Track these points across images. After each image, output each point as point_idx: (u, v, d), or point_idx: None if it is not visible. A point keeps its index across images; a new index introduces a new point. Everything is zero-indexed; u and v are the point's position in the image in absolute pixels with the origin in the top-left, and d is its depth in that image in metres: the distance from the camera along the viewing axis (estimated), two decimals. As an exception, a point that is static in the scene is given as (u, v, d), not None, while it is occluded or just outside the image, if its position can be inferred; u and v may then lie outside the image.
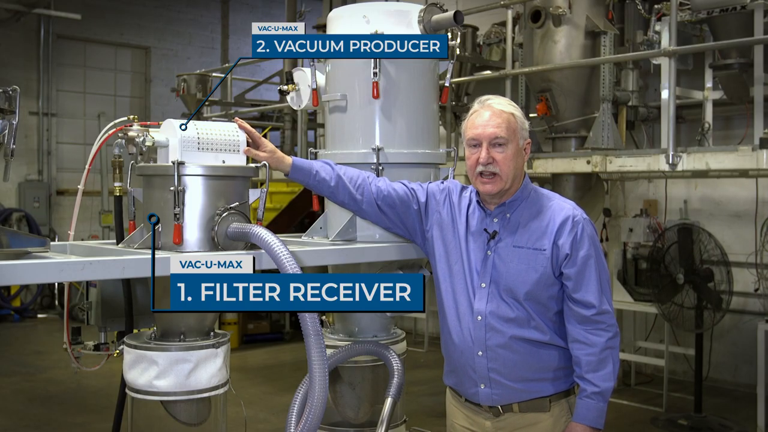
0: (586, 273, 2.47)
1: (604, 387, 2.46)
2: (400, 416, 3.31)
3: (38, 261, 2.30)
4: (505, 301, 2.51)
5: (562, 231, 2.49)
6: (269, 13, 15.18)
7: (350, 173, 2.75)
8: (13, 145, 2.50)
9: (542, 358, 2.53)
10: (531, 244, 2.51)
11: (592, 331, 2.47)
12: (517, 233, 2.54)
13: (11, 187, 12.13)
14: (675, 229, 6.18)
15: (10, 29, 12.19)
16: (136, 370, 2.65)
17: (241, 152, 2.76)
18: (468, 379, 2.59)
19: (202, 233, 2.62)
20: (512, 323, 2.51)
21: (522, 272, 2.50)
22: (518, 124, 2.54)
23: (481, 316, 2.53)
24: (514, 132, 2.52)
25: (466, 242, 2.61)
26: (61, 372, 7.73)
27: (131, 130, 2.82)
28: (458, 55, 4.45)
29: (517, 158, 2.53)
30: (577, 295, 2.48)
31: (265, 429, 6.06)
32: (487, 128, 2.50)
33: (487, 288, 2.54)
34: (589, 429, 2.47)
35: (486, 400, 2.56)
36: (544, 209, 2.56)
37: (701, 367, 6.20)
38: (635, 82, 6.81)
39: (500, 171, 2.50)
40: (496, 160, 2.49)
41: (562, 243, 2.48)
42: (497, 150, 2.50)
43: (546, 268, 2.48)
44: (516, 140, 2.52)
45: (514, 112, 2.55)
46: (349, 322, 3.25)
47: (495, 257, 2.54)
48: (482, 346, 2.53)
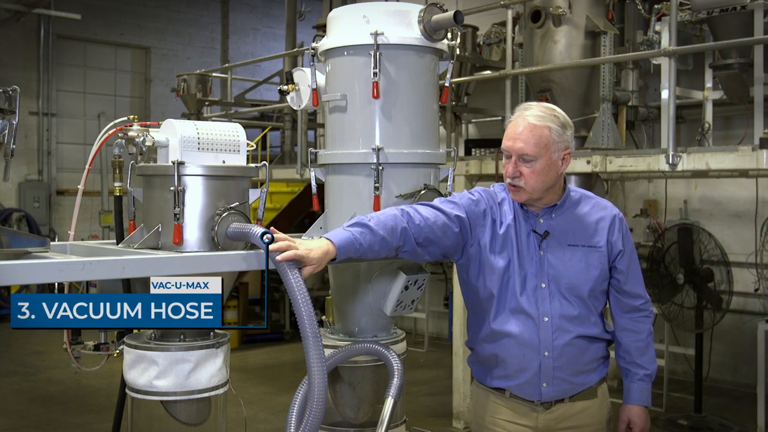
0: (632, 266, 2.65)
1: (652, 369, 2.67)
2: (400, 416, 3.31)
3: (38, 261, 2.31)
4: (568, 300, 2.56)
5: (613, 228, 2.61)
6: (269, 13, 15.17)
7: (389, 224, 2.44)
8: (13, 145, 2.51)
9: (594, 350, 2.63)
10: (585, 241, 2.58)
11: (638, 319, 2.67)
12: (568, 232, 2.59)
13: (11, 187, 12.13)
14: (675, 229, 6.18)
15: (10, 29, 12.19)
16: (136, 370, 2.65)
17: (241, 152, 2.76)
18: (529, 380, 2.59)
19: (202, 233, 2.63)
20: (576, 321, 2.57)
21: (583, 270, 2.56)
22: (552, 137, 2.49)
23: (548, 317, 2.55)
24: (546, 147, 2.49)
25: (515, 245, 2.59)
26: (61, 372, 7.73)
27: (131, 130, 2.83)
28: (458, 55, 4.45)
29: (548, 172, 2.51)
30: (628, 287, 2.64)
31: (265, 429, 6.06)
32: (517, 142, 2.50)
33: (548, 288, 2.56)
34: (645, 409, 2.68)
35: (547, 397, 2.59)
36: (589, 208, 2.63)
37: (701, 367, 6.20)
38: (635, 82, 6.81)
39: (525, 185, 2.52)
40: (523, 175, 2.51)
41: (615, 239, 2.60)
42: (525, 165, 2.50)
43: (604, 264, 2.59)
44: (548, 154, 2.50)
45: (550, 125, 2.50)
46: (348, 322, 3.24)
47: (549, 257, 2.57)
48: (549, 346, 2.55)
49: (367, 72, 2.97)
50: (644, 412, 2.68)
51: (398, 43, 2.99)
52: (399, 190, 3.02)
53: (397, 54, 3.01)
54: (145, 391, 2.64)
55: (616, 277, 2.64)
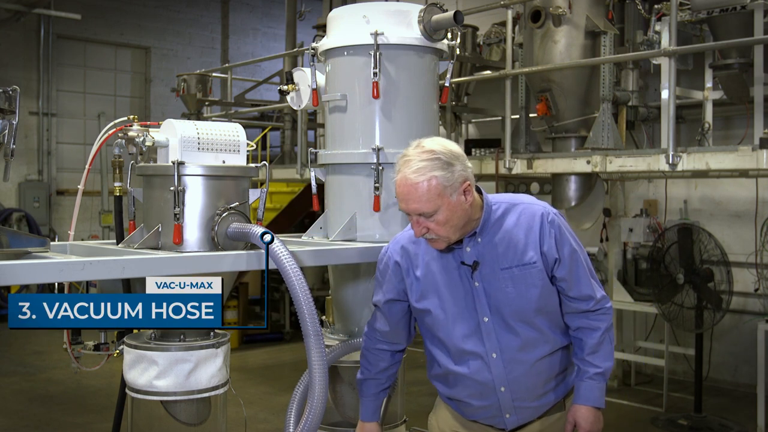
0: (574, 270, 2.42)
1: (605, 366, 2.46)
2: (400, 416, 3.32)
3: (38, 261, 2.31)
4: (514, 329, 2.41)
5: (544, 235, 2.40)
6: (269, 13, 15.17)
7: (381, 365, 2.79)
8: (13, 145, 2.51)
9: (554, 365, 2.51)
10: (517, 261, 2.39)
11: (594, 318, 2.47)
12: (497, 255, 2.40)
13: (11, 187, 12.12)
14: (675, 229, 6.18)
15: (10, 29, 12.19)
16: (136, 370, 2.65)
17: (241, 152, 2.76)
18: (492, 414, 2.51)
19: (202, 233, 2.63)
20: (528, 349, 2.43)
21: (522, 293, 2.39)
22: (442, 184, 2.29)
23: (495, 352, 2.42)
24: (440, 196, 2.29)
25: (447, 282, 2.45)
26: (61, 372, 7.72)
27: (131, 130, 2.83)
28: (458, 55, 4.45)
29: (453, 215, 2.33)
30: (573, 292, 2.44)
31: (265, 429, 6.05)
32: (410, 204, 2.32)
33: (491, 321, 2.42)
34: (593, 409, 2.46)
35: (513, 425, 2.51)
36: (515, 218, 2.43)
37: (701, 367, 6.19)
38: (635, 82, 6.80)
39: (437, 236, 2.36)
40: (431, 229, 2.34)
41: (548, 249, 2.39)
42: (428, 221, 2.33)
43: (544, 279, 2.40)
44: (446, 202, 2.31)
45: (434, 174, 2.29)
46: (348, 322, 3.25)
47: (485, 286, 2.41)
48: (504, 381, 2.44)
49: (367, 72, 2.97)
50: (592, 413, 2.46)
51: (398, 43, 3.00)
52: (399, 190, 3.01)
53: (397, 54, 3.01)
54: (145, 391, 2.64)
55: (559, 285, 2.44)
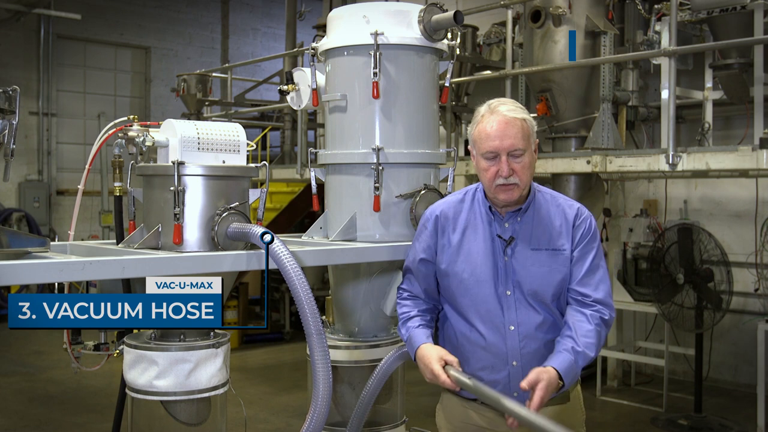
0: (591, 265, 2.48)
1: (584, 348, 2.37)
2: (400, 416, 3.32)
3: (38, 261, 2.30)
4: (533, 307, 2.47)
5: (577, 228, 2.50)
6: (269, 13, 15.17)
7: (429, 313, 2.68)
8: (13, 145, 2.51)
9: None
10: (549, 244, 2.49)
11: (590, 314, 2.45)
12: (532, 235, 2.50)
13: (11, 187, 12.13)
14: (675, 229, 6.18)
15: (10, 29, 12.19)
16: (136, 370, 2.65)
17: (241, 152, 2.76)
18: (500, 391, 2.44)
19: (202, 233, 2.63)
20: (542, 328, 2.47)
21: (545, 274, 2.47)
22: (530, 128, 2.46)
23: (513, 325, 2.47)
24: (529, 138, 2.45)
25: (480, 251, 2.52)
26: (61, 372, 7.72)
27: (131, 130, 2.83)
28: (458, 55, 4.45)
29: (533, 163, 2.48)
30: (578, 285, 2.48)
31: (265, 429, 6.05)
32: (505, 140, 2.41)
33: (513, 295, 2.48)
34: (557, 375, 2.32)
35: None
36: (555, 208, 2.54)
37: (701, 367, 6.20)
38: (635, 82, 6.80)
39: (520, 181, 2.45)
40: (516, 171, 2.43)
41: (577, 241, 2.49)
42: (516, 161, 2.43)
43: (567, 267, 2.48)
44: (531, 146, 2.47)
45: (525, 117, 2.46)
46: (348, 322, 3.25)
47: (514, 262, 2.48)
48: (517, 355, 2.47)
49: (367, 72, 2.97)
50: (554, 378, 2.30)
51: (398, 43, 2.99)
52: (399, 190, 3.02)
53: (397, 54, 3.01)
54: (145, 391, 2.64)
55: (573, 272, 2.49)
